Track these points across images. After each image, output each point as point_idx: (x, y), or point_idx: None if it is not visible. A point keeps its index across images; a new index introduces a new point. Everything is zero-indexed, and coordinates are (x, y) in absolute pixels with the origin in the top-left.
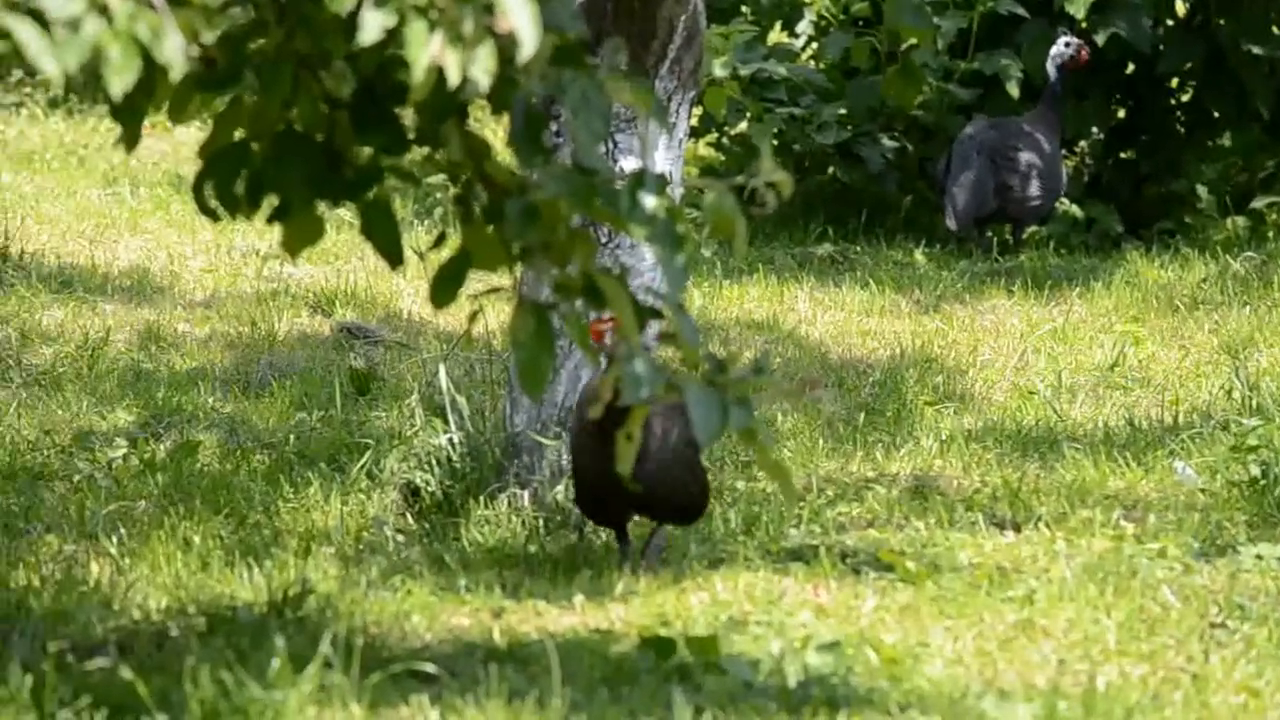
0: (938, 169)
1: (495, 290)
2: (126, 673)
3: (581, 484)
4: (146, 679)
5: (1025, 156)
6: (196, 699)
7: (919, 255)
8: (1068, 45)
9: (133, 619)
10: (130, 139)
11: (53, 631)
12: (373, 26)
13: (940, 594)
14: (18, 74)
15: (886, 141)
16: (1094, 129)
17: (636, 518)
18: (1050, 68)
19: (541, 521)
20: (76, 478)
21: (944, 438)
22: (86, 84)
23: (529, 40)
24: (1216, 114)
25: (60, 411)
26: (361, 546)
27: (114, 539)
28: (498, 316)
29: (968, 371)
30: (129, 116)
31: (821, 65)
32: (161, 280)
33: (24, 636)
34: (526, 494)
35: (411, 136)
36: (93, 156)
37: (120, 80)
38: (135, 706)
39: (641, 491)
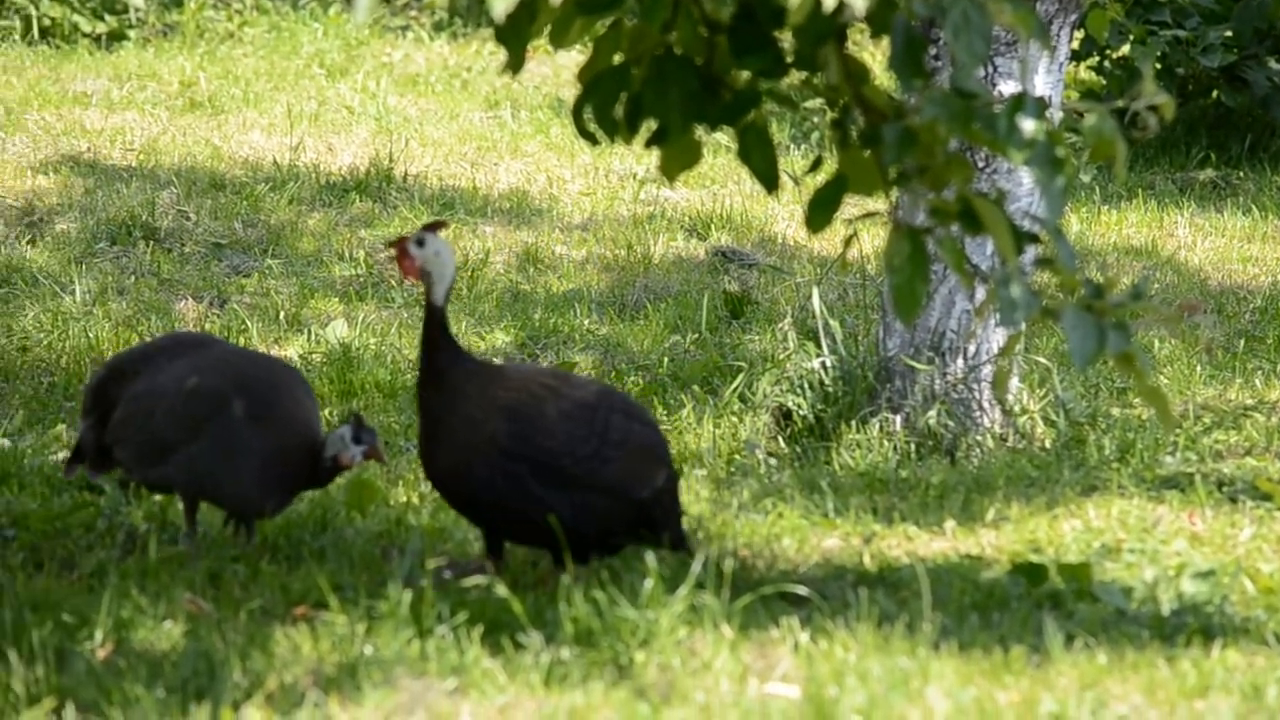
0: None
1: (871, 215)
2: (502, 590)
3: None
4: (521, 597)
5: None
6: (570, 617)
7: None
8: None
9: None
10: (514, 63)
11: (431, 549)
12: None
13: None
14: None
15: (1274, 65)
16: None
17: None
18: None
19: (913, 446)
20: None
21: None
22: (470, 8)
23: None
24: None
25: None
26: (733, 469)
27: None
28: (872, 241)
29: None
30: (512, 40)
31: None
32: (540, 203)
33: (404, 553)
34: (899, 418)
35: (790, 60)
36: (475, 80)
37: (502, 3)
38: (510, 623)
39: (441, 483)
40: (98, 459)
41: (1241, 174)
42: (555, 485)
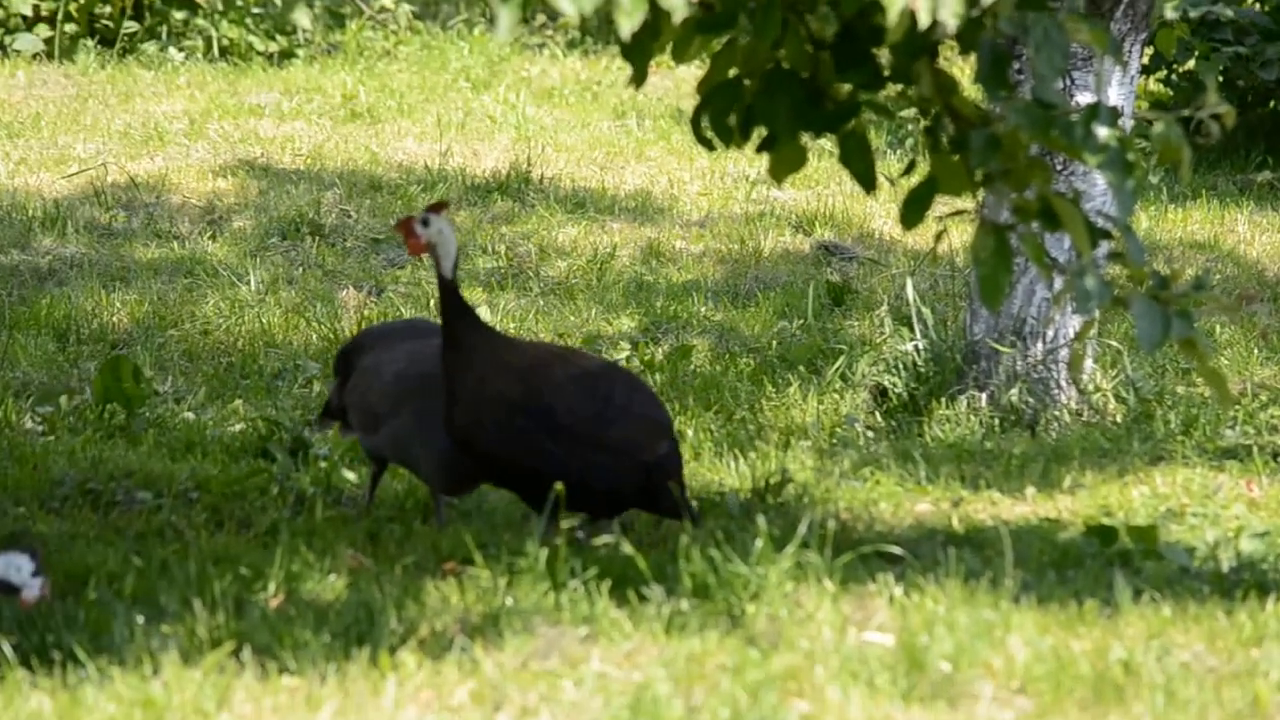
0: None
1: (959, 213)
2: (628, 548)
3: None
4: (645, 554)
5: None
6: (688, 572)
7: None
8: None
9: None
10: (639, 76)
11: (566, 511)
12: None
13: None
14: (541, 19)
15: None
16: None
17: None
18: None
19: (997, 421)
20: None
21: None
22: (600, 27)
23: None
24: None
25: (572, 317)
26: (834, 441)
27: None
28: (960, 236)
29: None
30: (637, 56)
31: (1266, 7)
32: (662, 202)
33: (540, 515)
34: (984, 396)
35: (887, 74)
36: (605, 92)
37: (629, 22)
38: (635, 578)
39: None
40: (344, 419)
41: None
42: (561, 442)
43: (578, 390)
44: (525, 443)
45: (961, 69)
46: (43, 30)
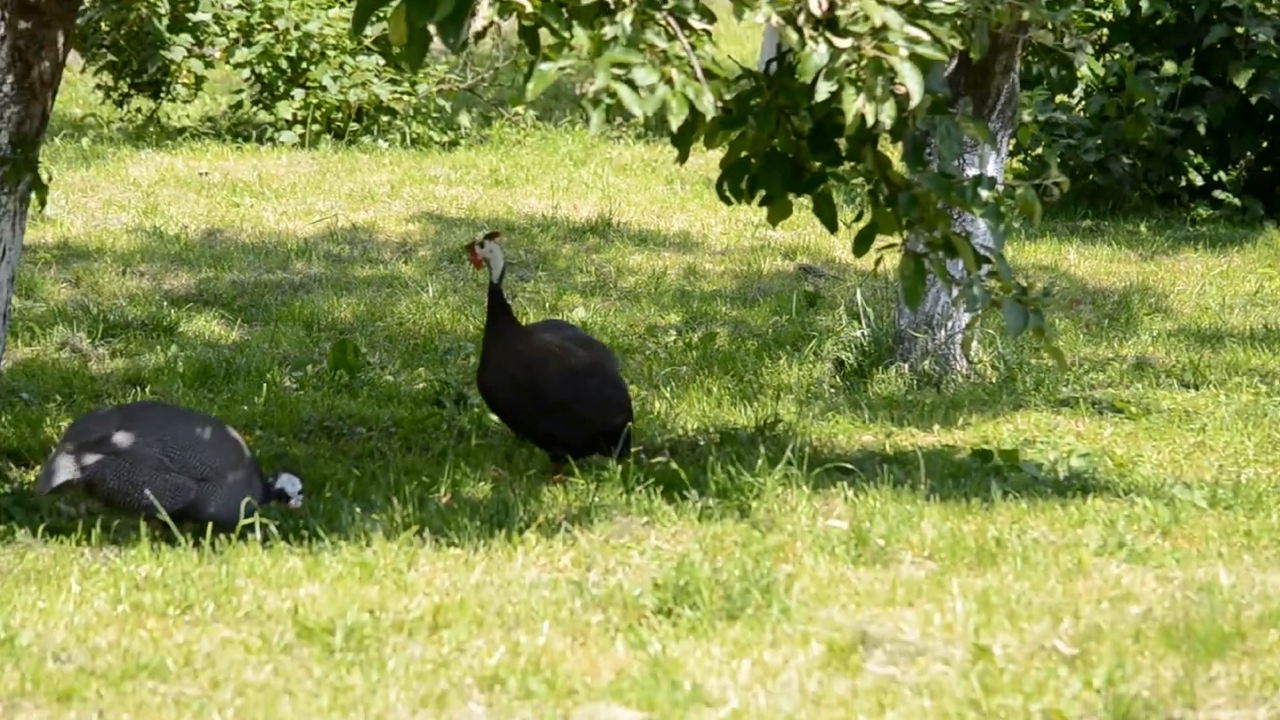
0: None
1: (890, 245)
2: (674, 465)
3: None
4: (685, 469)
5: None
6: (713, 480)
7: (1143, 227)
8: None
9: (678, 434)
10: (682, 156)
11: (635, 440)
12: (823, 91)
13: (1150, 426)
14: (619, 120)
15: (1125, 160)
16: (1249, 153)
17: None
18: None
19: (915, 382)
20: (647, 352)
21: (1155, 334)
22: (657, 125)
23: (916, 95)
24: None
25: (638, 314)
26: (809, 395)
27: (667, 388)
28: (891, 261)
29: (1169, 295)
30: (682, 143)
31: (1087, 114)
32: (697, 239)
33: (618, 443)
34: (907, 366)
35: (844, 155)
36: (660, 167)
37: (676, 120)
38: (679, 485)
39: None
40: None
41: (1107, 223)
42: (547, 413)
43: (560, 381)
44: (523, 410)
45: (892, 152)
46: (297, 129)
